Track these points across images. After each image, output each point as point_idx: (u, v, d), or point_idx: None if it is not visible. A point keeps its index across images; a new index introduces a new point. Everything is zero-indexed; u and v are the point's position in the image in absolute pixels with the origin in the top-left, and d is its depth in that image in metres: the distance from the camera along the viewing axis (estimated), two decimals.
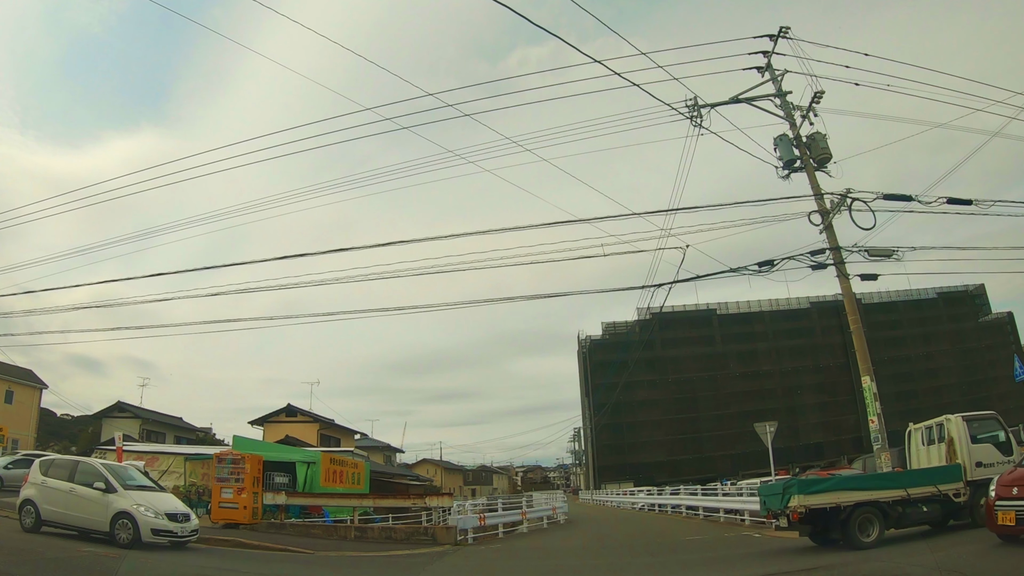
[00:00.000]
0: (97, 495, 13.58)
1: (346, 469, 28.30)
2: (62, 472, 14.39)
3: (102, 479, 13.77)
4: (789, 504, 12.57)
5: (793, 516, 12.57)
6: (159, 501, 14.17)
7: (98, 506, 13.51)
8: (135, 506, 13.38)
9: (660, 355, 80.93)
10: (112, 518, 13.31)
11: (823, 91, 18.24)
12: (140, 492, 14.14)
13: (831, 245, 16.79)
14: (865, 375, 16.46)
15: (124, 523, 13.26)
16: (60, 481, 14.09)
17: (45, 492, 14.09)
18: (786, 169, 18.42)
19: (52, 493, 13.99)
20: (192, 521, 14.31)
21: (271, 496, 20.97)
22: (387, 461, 67.00)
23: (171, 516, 13.73)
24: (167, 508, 13.97)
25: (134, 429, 45.92)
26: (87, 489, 13.74)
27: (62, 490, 13.92)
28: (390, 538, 18.20)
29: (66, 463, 15.09)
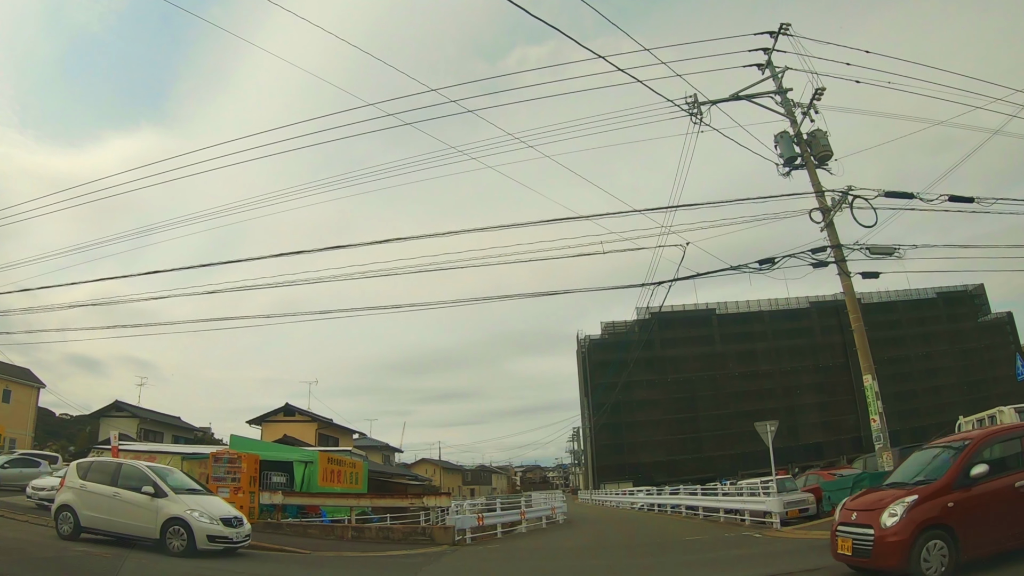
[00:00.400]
0: (145, 500, 12.91)
1: (344, 469, 28.13)
2: (104, 475, 13.66)
3: (150, 483, 13.11)
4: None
5: None
6: (211, 505, 13.61)
7: (147, 512, 12.87)
8: (188, 511, 12.80)
9: (659, 355, 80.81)
10: (163, 525, 12.72)
11: (824, 88, 18.12)
12: (191, 496, 13.54)
13: (832, 243, 16.67)
14: (867, 374, 16.32)
15: (177, 530, 12.66)
16: (102, 485, 13.38)
17: (85, 497, 13.40)
18: (787, 166, 18.30)
19: (93, 498, 13.30)
20: (245, 526, 13.78)
21: (267, 496, 20.82)
22: (386, 461, 66.82)
23: (225, 521, 13.16)
24: (221, 512, 13.40)
25: (132, 428, 45.82)
26: (133, 494, 13.05)
27: (104, 495, 13.23)
28: (387, 538, 18.07)
29: (108, 466, 14.27)
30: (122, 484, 13.28)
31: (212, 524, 12.82)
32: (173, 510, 12.77)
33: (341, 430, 55.34)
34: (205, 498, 13.96)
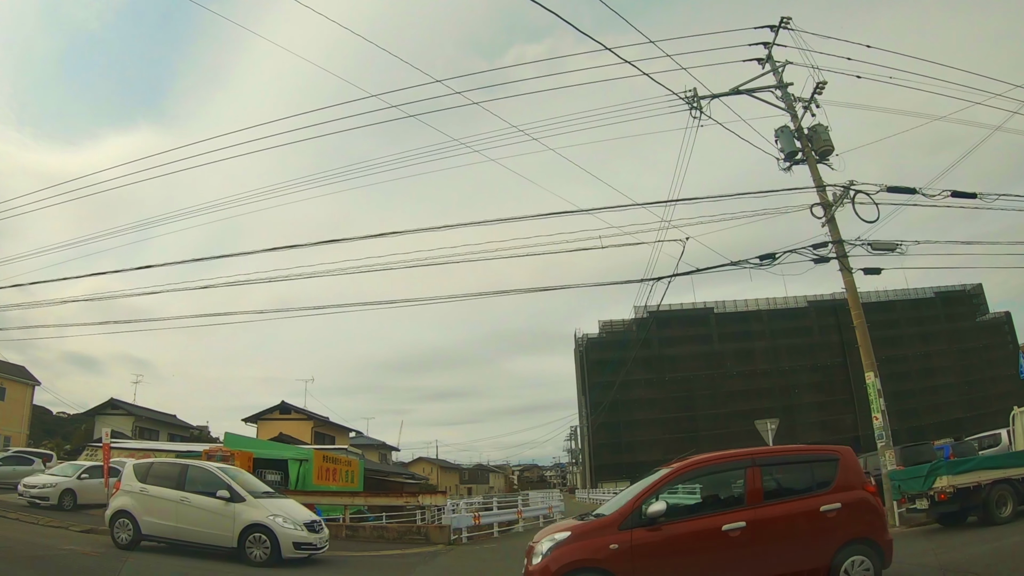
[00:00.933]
0: (219, 505, 11.91)
1: (340, 467, 27.93)
2: (168, 479, 12.62)
3: (224, 486, 12.16)
4: (935, 485, 13.21)
5: (940, 496, 13.15)
6: (292, 509, 12.82)
7: (222, 518, 11.90)
8: (271, 517, 11.92)
9: (657, 354, 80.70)
10: (241, 532, 11.79)
11: (825, 81, 17.94)
12: (270, 500, 12.76)
13: (834, 238, 16.46)
14: (869, 371, 16.11)
15: (259, 537, 11.78)
16: (166, 489, 12.39)
17: (145, 502, 12.38)
18: (787, 161, 18.08)
19: (155, 503, 12.32)
20: (325, 530, 13.03)
21: None
22: (382, 459, 66.64)
23: (308, 526, 12.39)
24: (303, 517, 12.63)
25: (127, 426, 45.67)
26: (205, 498, 12.06)
27: (170, 499, 12.24)
28: (382, 537, 17.86)
29: (172, 468, 13.11)
30: (189, 488, 12.34)
31: (297, 530, 12.06)
32: (253, 516, 11.89)
33: (337, 428, 55.18)
34: (283, 501, 13.21)
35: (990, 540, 11.25)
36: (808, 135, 18.15)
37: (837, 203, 16.50)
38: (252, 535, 11.81)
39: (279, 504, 12.76)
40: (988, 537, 11.47)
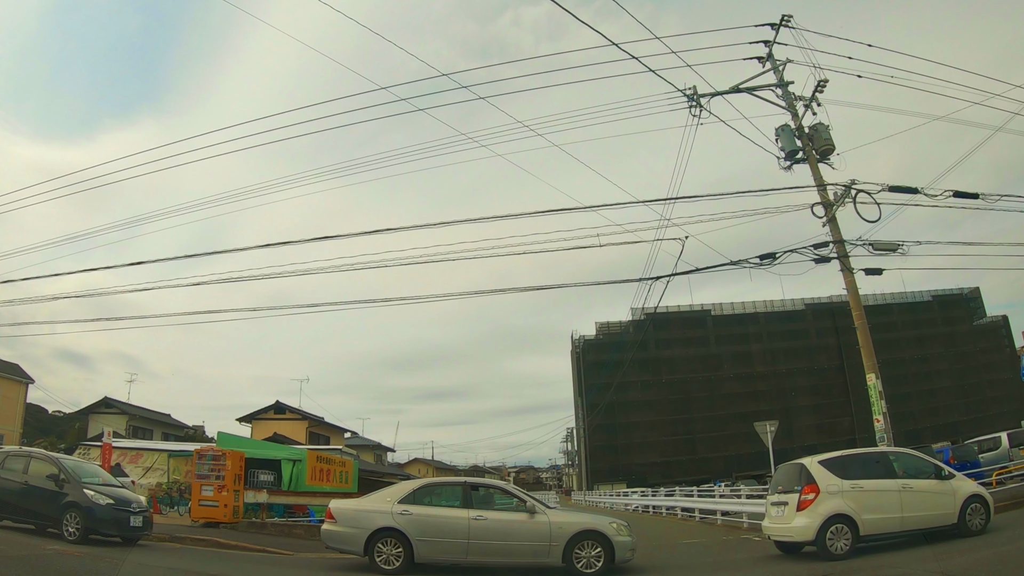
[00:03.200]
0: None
1: (334, 467, 27.64)
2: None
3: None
4: None
5: None
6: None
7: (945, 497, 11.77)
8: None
9: (654, 356, 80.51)
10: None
11: (826, 80, 17.76)
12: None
13: (835, 238, 16.23)
14: (870, 372, 15.89)
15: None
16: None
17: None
18: (788, 160, 17.87)
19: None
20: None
21: (252, 494, 20.24)
22: (378, 460, 66.33)
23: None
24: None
25: (121, 425, 45.42)
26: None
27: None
28: None
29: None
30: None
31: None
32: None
33: (332, 429, 54.88)
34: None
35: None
36: (809, 134, 17.95)
37: (838, 202, 16.29)
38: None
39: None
40: (991, 542, 11.23)
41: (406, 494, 11.61)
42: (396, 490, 12.04)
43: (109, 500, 12.97)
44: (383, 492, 12.30)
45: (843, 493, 11.40)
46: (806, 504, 11.50)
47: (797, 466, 12.56)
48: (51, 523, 13.00)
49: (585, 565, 10.88)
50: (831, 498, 11.36)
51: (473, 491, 11.81)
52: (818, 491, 11.44)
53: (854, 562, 10.81)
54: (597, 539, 11.06)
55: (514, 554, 11.13)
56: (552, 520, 11.25)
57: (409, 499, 11.49)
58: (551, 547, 10.97)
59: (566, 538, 11.00)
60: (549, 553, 10.98)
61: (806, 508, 11.48)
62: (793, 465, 12.89)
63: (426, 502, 11.59)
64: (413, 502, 11.44)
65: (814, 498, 11.42)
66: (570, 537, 11.01)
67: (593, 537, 11.08)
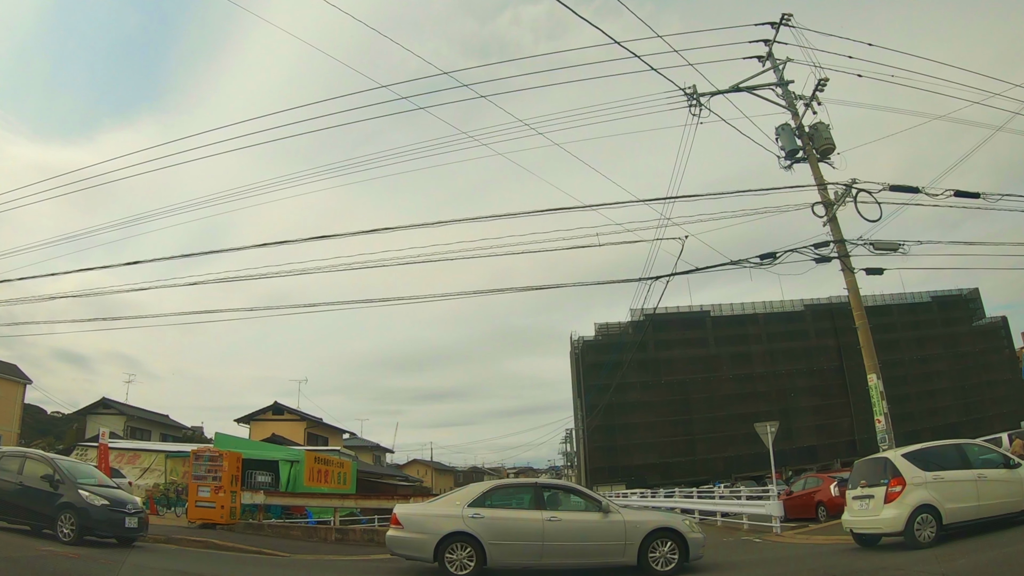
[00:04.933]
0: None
1: (332, 468, 27.58)
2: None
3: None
4: None
5: None
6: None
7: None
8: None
9: (653, 356, 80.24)
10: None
11: (827, 79, 17.64)
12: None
13: (835, 237, 16.13)
14: (871, 373, 15.80)
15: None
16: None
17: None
18: (788, 159, 17.78)
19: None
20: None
21: (249, 495, 20.12)
22: (376, 461, 66.24)
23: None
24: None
25: (119, 426, 45.37)
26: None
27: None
28: (372, 541, 17.37)
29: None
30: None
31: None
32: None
33: (331, 430, 54.79)
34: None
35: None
36: (809, 133, 17.86)
37: (839, 202, 16.20)
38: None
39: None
40: (994, 543, 11.13)
41: (476, 497, 11.39)
42: (465, 493, 11.81)
43: (104, 501, 12.86)
44: (450, 496, 12.16)
45: (926, 484, 11.59)
46: (894, 496, 11.67)
47: (880, 460, 12.74)
48: (46, 524, 12.89)
49: (660, 563, 10.81)
50: (916, 489, 11.55)
51: (544, 492, 11.65)
52: (904, 483, 11.65)
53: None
54: (671, 536, 11.01)
55: (589, 555, 10.97)
56: (626, 519, 11.16)
57: (479, 502, 11.27)
58: (626, 546, 10.85)
59: (641, 536, 10.90)
60: (624, 552, 10.86)
61: (894, 500, 11.64)
62: (875, 459, 13.12)
63: (497, 505, 11.41)
64: (483, 505, 11.23)
65: (901, 490, 11.63)
66: (645, 535, 10.92)
67: (667, 535, 11.01)
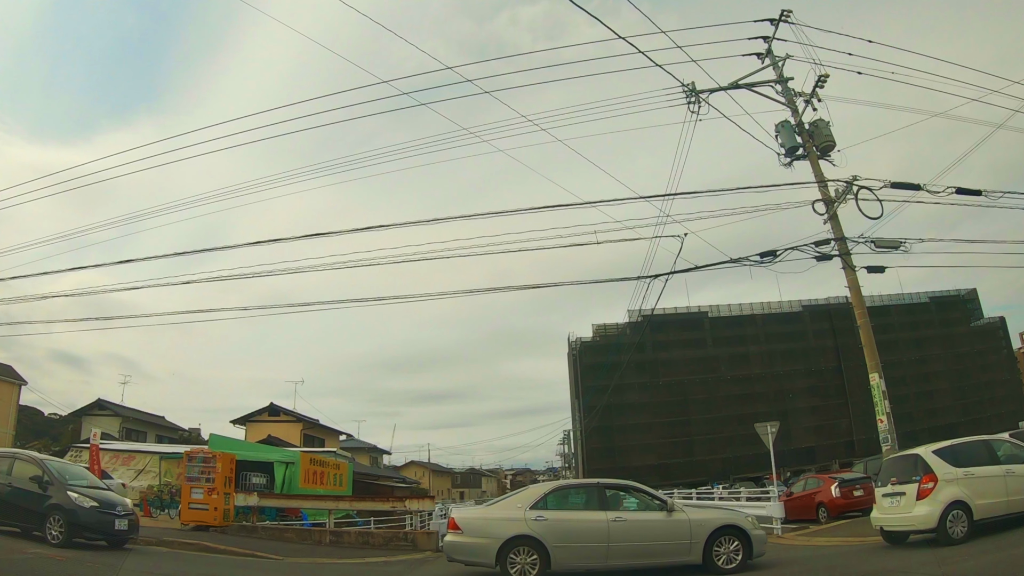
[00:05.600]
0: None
1: (328, 470, 27.33)
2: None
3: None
4: None
5: None
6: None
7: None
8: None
9: (651, 358, 79.96)
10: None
11: (827, 75, 17.43)
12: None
13: (836, 235, 15.93)
14: (873, 372, 15.64)
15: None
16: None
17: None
18: (788, 156, 17.60)
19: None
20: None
21: (243, 497, 19.81)
22: (373, 463, 65.98)
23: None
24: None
25: (114, 427, 45.11)
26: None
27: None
28: (367, 543, 17.19)
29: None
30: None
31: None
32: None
33: (327, 431, 54.50)
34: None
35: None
36: (809, 130, 17.68)
37: (840, 199, 16.00)
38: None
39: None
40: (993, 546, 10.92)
41: (537, 499, 11.12)
42: (525, 496, 11.47)
43: (93, 503, 12.64)
44: (510, 499, 11.83)
45: (957, 480, 11.50)
46: (926, 493, 11.56)
47: (911, 457, 12.57)
48: (36, 526, 12.65)
49: (725, 561, 10.66)
50: (948, 486, 11.45)
51: (607, 491, 11.42)
52: (936, 480, 11.54)
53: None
54: (735, 534, 10.86)
55: (654, 555, 10.76)
56: (691, 517, 10.96)
57: (541, 504, 11.01)
58: (691, 545, 10.67)
59: (706, 534, 10.73)
60: (690, 551, 10.67)
61: (926, 497, 11.53)
62: (906, 456, 12.95)
63: (558, 506, 11.17)
64: (545, 507, 10.98)
65: (933, 487, 11.52)
66: (710, 533, 10.75)
67: (731, 532, 10.86)
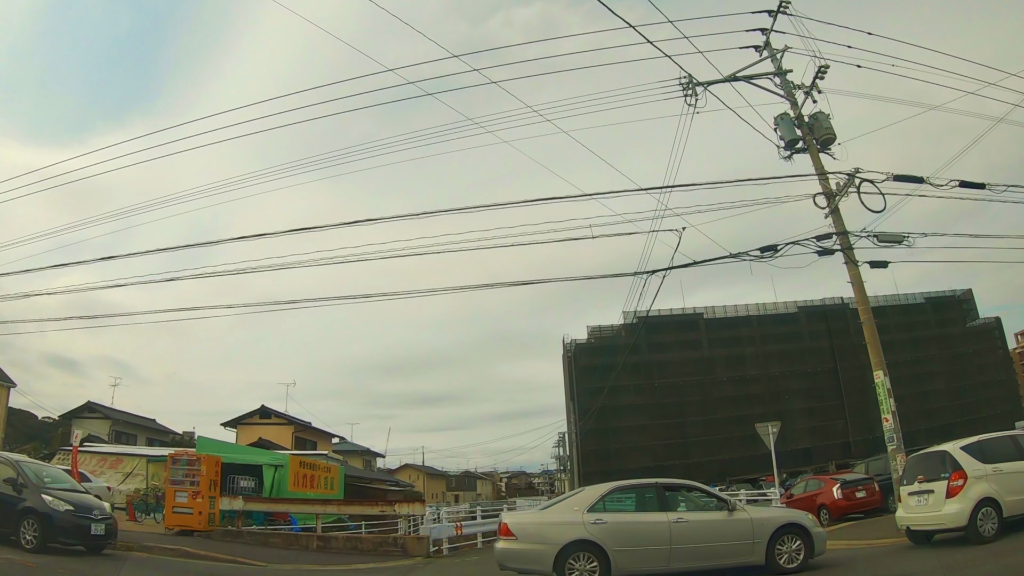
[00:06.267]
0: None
1: (318, 473, 26.79)
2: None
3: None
4: None
5: None
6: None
7: None
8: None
9: (646, 359, 79.60)
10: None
11: (827, 65, 17.01)
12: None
13: (838, 229, 15.49)
14: (878, 369, 15.22)
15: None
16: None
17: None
18: (788, 150, 17.17)
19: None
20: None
21: (228, 501, 19.19)
22: (367, 466, 65.34)
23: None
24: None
25: (104, 430, 44.48)
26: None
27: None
28: (356, 548, 16.64)
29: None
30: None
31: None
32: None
33: (320, 434, 53.83)
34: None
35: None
36: (809, 123, 17.25)
37: (842, 192, 15.56)
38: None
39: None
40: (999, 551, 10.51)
41: (595, 501, 10.62)
42: (582, 498, 10.96)
43: (68, 506, 12.11)
44: (566, 501, 11.32)
45: (987, 477, 11.15)
46: (956, 491, 11.16)
47: (938, 454, 12.17)
48: (10, 530, 12.10)
49: (787, 560, 10.29)
50: (978, 483, 11.08)
51: (666, 491, 10.96)
52: (965, 476, 11.17)
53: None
54: (797, 532, 10.51)
55: (717, 556, 10.32)
56: (753, 516, 10.60)
57: (599, 506, 10.52)
58: (754, 545, 10.28)
59: (768, 534, 10.35)
60: (752, 551, 10.27)
61: (956, 495, 11.13)
62: (932, 453, 12.53)
63: (617, 508, 10.74)
64: (604, 509, 10.50)
65: (963, 484, 11.13)
66: (773, 532, 10.38)
67: (793, 531, 10.51)
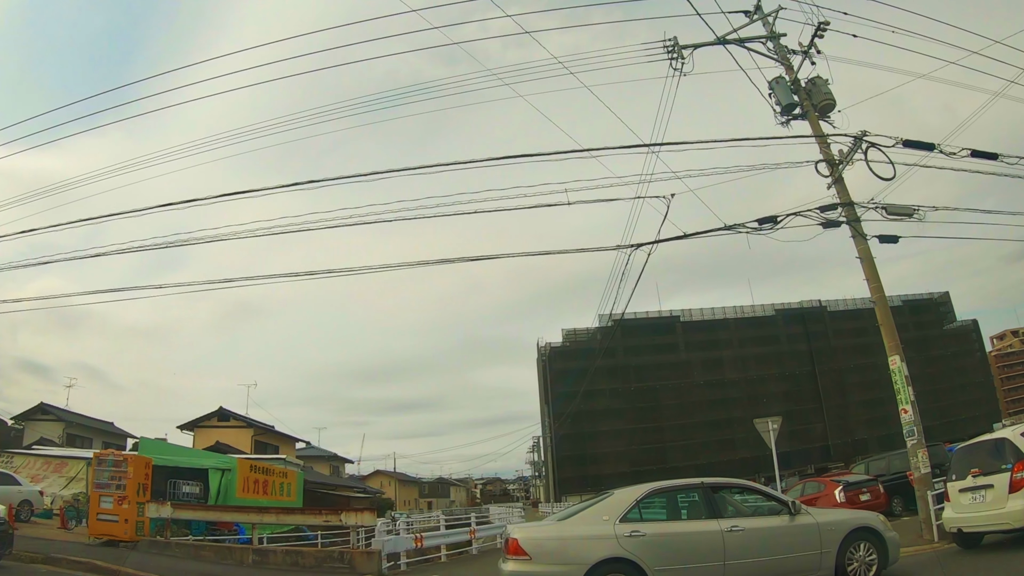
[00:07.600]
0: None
1: (272, 479, 24.71)
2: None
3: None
4: None
5: None
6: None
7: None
8: None
9: (622, 363, 78.23)
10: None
11: (828, 21, 15.43)
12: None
13: (843, 200, 13.86)
14: (894, 354, 13.61)
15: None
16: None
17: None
18: (785, 115, 15.57)
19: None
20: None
21: (155, 508, 16.83)
22: (335, 472, 63.12)
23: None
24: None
25: (56, 433, 42.25)
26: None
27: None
28: (296, 564, 14.60)
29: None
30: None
31: None
32: None
33: (282, 438, 51.43)
34: None
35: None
36: (807, 88, 15.68)
37: (847, 159, 13.95)
38: None
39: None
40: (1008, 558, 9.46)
41: (628, 508, 8.48)
42: (612, 504, 8.70)
43: None
44: (594, 509, 8.89)
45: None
46: (1021, 483, 9.31)
47: (996, 442, 10.26)
48: None
49: (860, 570, 8.59)
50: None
51: (715, 494, 8.90)
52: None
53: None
54: (869, 537, 8.77)
55: (780, 570, 8.42)
56: (819, 520, 8.73)
57: (634, 514, 8.44)
58: (822, 555, 8.46)
59: (839, 540, 8.58)
60: (820, 563, 8.46)
61: (1022, 488, 9.29)
62: (986, 442, 10.71)
63: (656, 516, 8.81)
64: (640, 518, 8.44)
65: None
66: (843, 538, 8.62)
67: (865, 536, 8.78)
